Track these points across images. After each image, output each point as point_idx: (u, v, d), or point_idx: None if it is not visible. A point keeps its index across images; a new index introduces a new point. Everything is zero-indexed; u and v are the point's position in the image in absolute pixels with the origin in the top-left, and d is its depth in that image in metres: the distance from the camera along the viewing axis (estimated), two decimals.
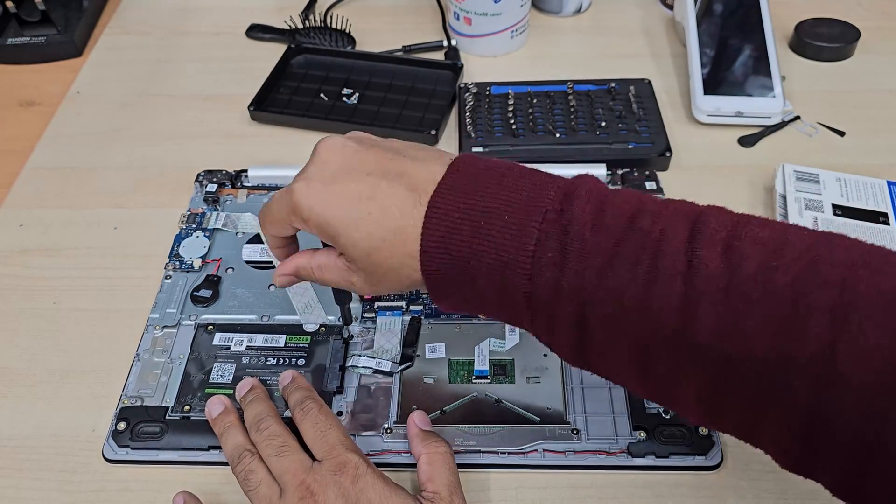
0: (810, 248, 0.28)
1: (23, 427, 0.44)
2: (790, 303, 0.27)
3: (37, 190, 0.60)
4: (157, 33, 0.76)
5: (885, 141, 0.61)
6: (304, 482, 0.37)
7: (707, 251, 0.28)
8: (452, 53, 0.71)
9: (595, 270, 0.30)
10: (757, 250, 0.28)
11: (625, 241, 0.30)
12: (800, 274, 0.27)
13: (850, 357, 0.26)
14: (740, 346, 0.27)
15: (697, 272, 0.28)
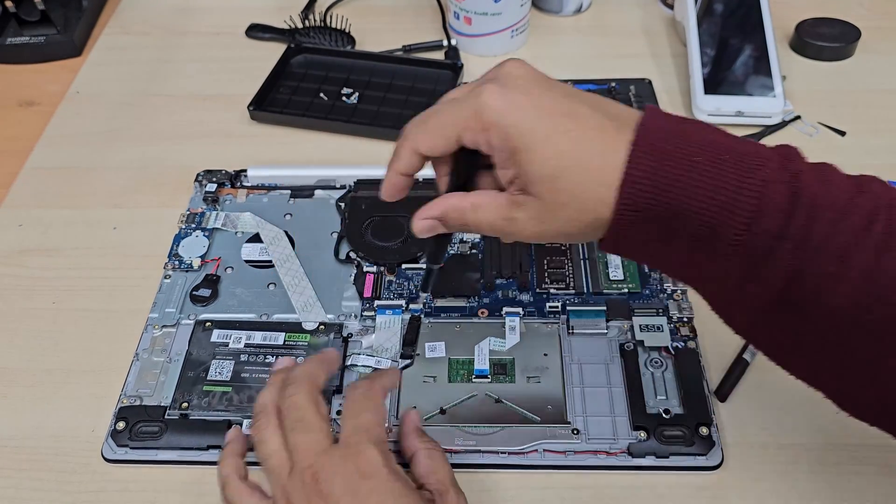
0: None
1: (22, 427, 0.44)
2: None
3: (36, 190, 0.60)
4: (157, 33, 0.76)
5: (886, 141, 0.61)
6: (312, 466, 0.34)
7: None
8: (452, 53, 0.71)
9: (825, 224, 0.28)
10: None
11: (858, 198, 0.28)
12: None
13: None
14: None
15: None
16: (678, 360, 0.45)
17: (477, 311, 0.48)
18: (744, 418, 0.43)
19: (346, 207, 0.55)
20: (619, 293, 0.49)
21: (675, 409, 0.43)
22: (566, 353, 0.46)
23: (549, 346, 0.46)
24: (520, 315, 0.48)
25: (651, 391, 0.44)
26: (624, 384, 0.44)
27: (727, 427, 0.43)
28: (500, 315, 0.48)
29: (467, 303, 0.49)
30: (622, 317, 0.47)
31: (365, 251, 0.52)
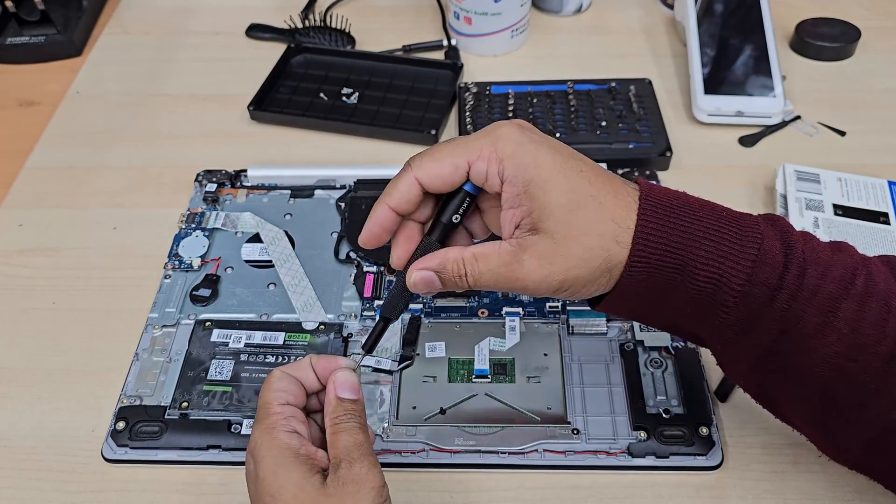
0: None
1: (22, 427, 0.44)
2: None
3: (36, 190, 0.60)
4: (157, 33, 0.76)
5: (886, 140, 0.61)
6: None
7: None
8: (452, 53, 0.71)
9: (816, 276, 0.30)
10: None
11: (838, 255, 0.31)
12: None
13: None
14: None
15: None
16: (678, 360, 0.45)
17: (477, 311, 0.48)
18: (744, 418, 0.43)
19: (346, 207, 0.55)
20: None
21: (675, 409, 0.43)
22: (566, 353, 0.46)
23: (549, 346, 0.46)
24: (520, 315, 0.48)
25: (651, 391, 0.44)
26: (624, 384, 0.44)
27: (727, 427, 0.43)
28: (500, 315, 0.48)
29: (467, 303, 0.49)
30: None
31: (365, 251, 0.52)
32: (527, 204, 0.31)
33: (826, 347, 0.30)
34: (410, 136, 0.62)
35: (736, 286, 0.30)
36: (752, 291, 0.30)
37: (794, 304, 0.30)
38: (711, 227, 0.31)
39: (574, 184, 0.31)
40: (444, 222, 0.34)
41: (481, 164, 0.32)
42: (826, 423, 0.33)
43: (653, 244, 0.30)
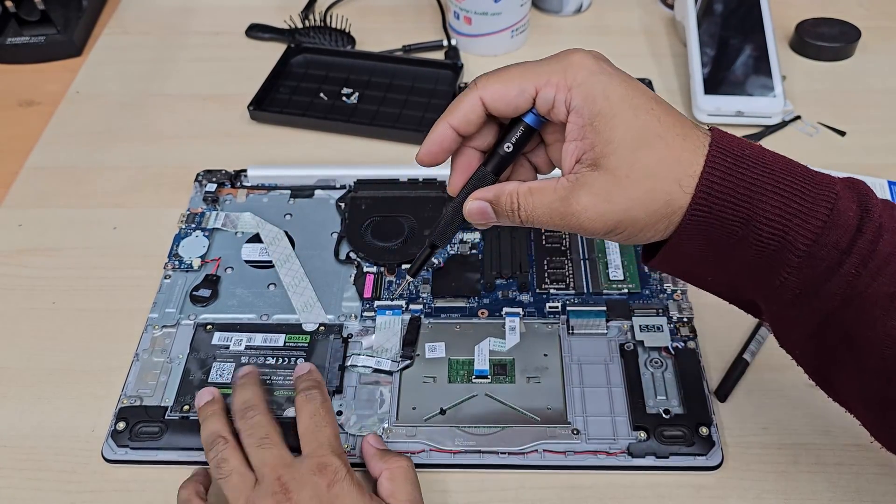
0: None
1: (22, 427, 0.44)
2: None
3: (36, 190, 0.60)
4: (157, 33, 0.76)
5: (886, 141, 0.61)
6: (282, 478, 0.36)
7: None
8: (452, 53, 0.71)
9: (890, 244, 0.28)
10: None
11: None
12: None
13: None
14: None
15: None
16: (678, 360, 0.45)
17: (477, 312, 0.48)
18: (744, 418, 0.43)
19: (346, 207, 0.55)
20: (619, 293, 0.49)
21: (675, 409, 0.43)
22: (566, 354, 0.46)
23: (549, 346, 0.46)
24: (520, 315, 0.48)
25: (651, 391, 0.44)
26: (624, 384, 0.44)
27: (727, 427, 0.43)
28: (500, 315, 0.48)
29: (467, 303, 0.49)
30: (622, 317, 0.47)
31: (365, 251, 0.52)
32: (591, 137, 0.30)
33: (892, 323, 0.28)
34: (410, 137, 0.62)
35: (802, 245, 0.28)
36: (819, 253, 0.28)
37: (863, 270, 0.28)
38: (782, 181, 0.29)
39: (643, 121, 0.29)
40: (500, 153, 0.33)
41: (549, 90, 0.31)
42: (885, 408, 0.31)
43: (717, 193, 0.29)
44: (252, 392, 0.41)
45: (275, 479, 0.37)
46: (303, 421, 0.40)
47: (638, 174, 0.29)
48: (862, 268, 0.28)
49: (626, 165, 0.29)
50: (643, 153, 0.29)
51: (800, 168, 0.30)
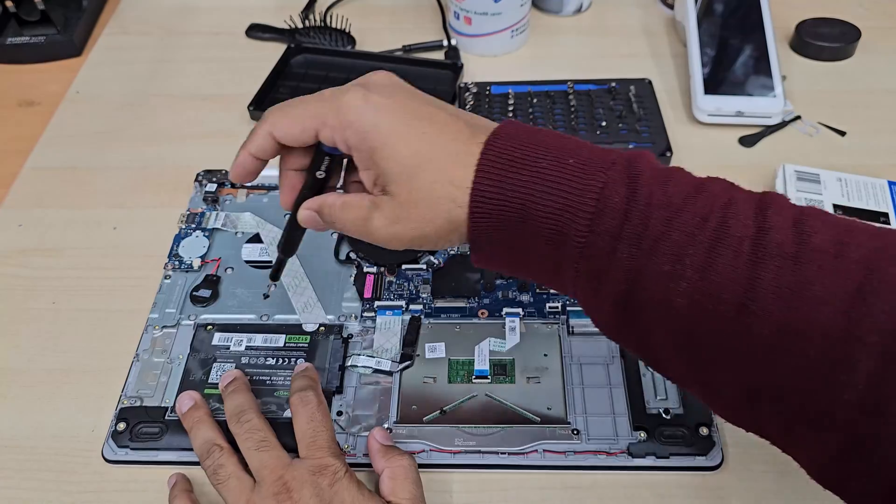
0: (881, 233, 0.28)
1: (22, 427, 0.44)
2: (862, 277, 0.26)
3: (36, 190, 0.60)
4: (157, 33, 0.76)
5: (886, 141, 0.61)
6: (282, 478, 0.37)
7: (777, 219, 0.28)
8: (452, 53, 0.71)
9: (660, 222, 0.29)
10: (828, 228, 0.28)
11: (694, 198, 0.29)
12: (873, 252, 0.26)
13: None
14: (805, 315, 0.26)
15: (766, 236, 0.27)
16: None
17: (477, 312, 0.48)
18: None
19: None
20: None
21: (674, 409, 0.43)
22: (566, 354, 0.46)
23: (549, 346, 0.46)
24: (520, 315, 0.48)
25: (651, 391, 0.44)
26: (624, 384, 0.44)
27: (727, 427, 0.43)
28: (500, 315, 0.48)
29: (467, 303, 0.49)
30: None
31: (365, 251, 0.52)
32: (373, 168, 0.33)
33: (680, 296, 0.28)
34: None
35: (579, 237, 0.29)
36: (597, 242, 0.29)
37: (637, 251, 0.29)
38: (551, 178, 0.30)
39: (413, 148, 0.31)
40: (313, 175, 0.36)
41: (327, 131, 0.33)
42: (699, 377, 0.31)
43: (490, 202, 0.30)
44: (244, 397, 0.42)
45: (275, 479, 0.37)
46: (300, 424, 0.40)
47: (416, 198, 0.32)
48: (636, 249, 0.29)
49: (406, 192, 0.32)
50: (417, 180, 0.31)
51: (573, 158, 0.30)
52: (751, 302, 0.27)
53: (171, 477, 0.41)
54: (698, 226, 0.28)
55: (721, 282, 0.28)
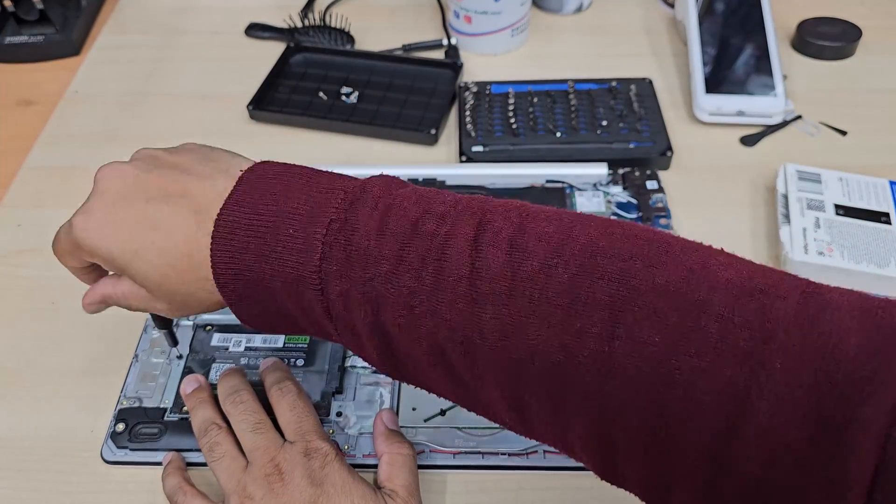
0: (592, 242, 0.28)
1: (21, 428, 0.44)
2: (569, 300, 0.27)
3: (35, 190, 0.60)
4: (156, 32, 0.76)
5: (887, 140, 0.61)
6: (274, 459, 0.38)
7: (492, 250, 0.28)
8: (452, 52, 0.71)
9: (382, 278, 0.29)
10: (541, 247, 0.28)
11: (409, 246, 0.29)
12: (579, 269, 0.27)
13: (626, 352, 0.26)
14: (525, 348, 0.27)
15: (481, 274, 0.28)
16: None
17: None
18: None
19: None
20: None
21: None
22: None
23: None
24: None
25: None
26: None
27: None
28: None
29: None
30: None
31: None
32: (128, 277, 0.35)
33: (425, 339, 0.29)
34: (410, 136, 0.62)
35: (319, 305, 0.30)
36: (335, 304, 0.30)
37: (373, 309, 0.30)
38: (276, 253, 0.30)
39: (151, 263, 0.32)
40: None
41: (80, 256, 0.35)
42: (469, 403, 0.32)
43: (234, 283, 0.31)
44: (237, 379, 0.42)
45: (267, 461, 0.37)
46: (283, 414, 0.40)
47: (178, 300, 0.34)
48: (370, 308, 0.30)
49: (166, 296, 0.34)
50: (168, 287, 0.33)
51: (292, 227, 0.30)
52: (482, 341, 0.28)
53: (165, 455, 0.41)
54: (416, 276, 0.29)
55: (451, 322, 0.28)
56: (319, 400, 0.44)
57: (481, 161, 0.59)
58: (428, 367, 0.30)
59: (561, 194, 0.55)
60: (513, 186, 0.56)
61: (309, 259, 0.30)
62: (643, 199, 0.55)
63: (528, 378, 0.28)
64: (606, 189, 0.56)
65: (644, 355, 0.26)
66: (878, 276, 0.48)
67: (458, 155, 0.60)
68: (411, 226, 0.30)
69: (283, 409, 0.40)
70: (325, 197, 0.31)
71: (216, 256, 0.31)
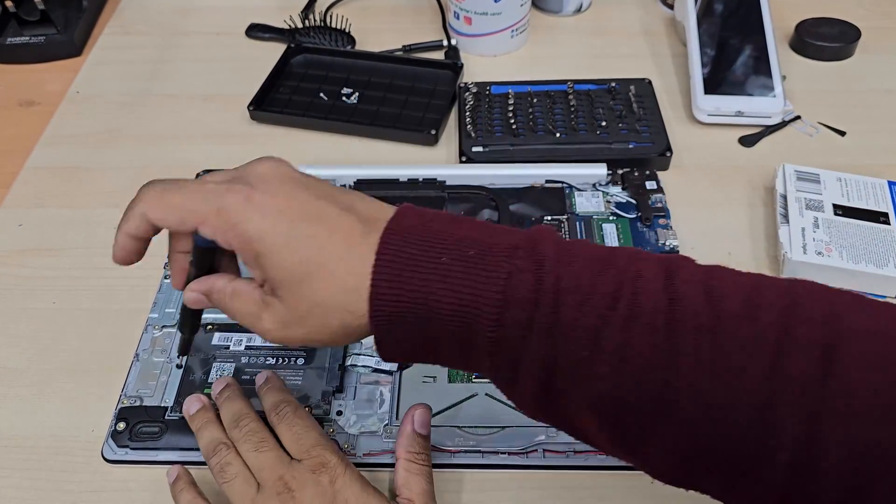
0: (789, 289, 0.28)
1: (22, 427, 0.44)
2: (777, 339, 0.26)
3: (36, 190, 0.60)
4: (157, 33, 0.76)
5: (886, 141, 0.61)
6: (283, 478, 0.37)
7: (688, 288, 0.27)
8: (452, 53, 0.71)
9: (571, 308, 0.27)
10: (737, 290, 0.27)
11: (602, 276, 0.28)
12: (783, 312, 0.27)
13: (840, 391, 0.25)
14: (726, 386, 0.26)
15: (680, 309, 0.27)
16: None
17: None
18: None
19: None
20: None
21: None
22: None
23: None
24: None
25: None
26: None
27: None
28: None
29: None
30: None
31: None
32: (259, 272, 0.31)
33: (600, 379, 0.28)
34: (410, 136, 0.62)
35: (487, 334, 0.28)
36: (507, 335, 0.28)
37: (551, 340, 0.28)
38: (452, 272, 0.28)
39: (301, 255, 0.30)
40: (189, 274, 0.35)
41: (207, 229, 0.31)
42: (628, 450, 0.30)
43: (390, 305, 0.29)
44: (240, 404, 0.41)
45: (276, 479, 0.37)
46: (283, 435, 0.39)
47: (305, 308, 0.30)
48: (549, 339, 0.28)
49: (295, 300, 0.30)
50: (306, 286, 0.30)
51: (473, 250, 0.29)
52: (673, 378, 0.27)
53: (170, 470, 0.40)
54: (609, 306, 0.27)
55: (641, 361, 0.27)
56: (320, 399, 0.44)
57: (481, 161, 0.59)
58: (586, 412, 0.28)
59: (560, 194, 0.55)
60: (513, 186, 0.56)
61: (492, 280, 0.28)
62: (642, 200, 0.55)
63: (718, 422, 0.26)
64: (606, 189, 0.56)
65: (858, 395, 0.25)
66: (877, 276, 0.48)
67: (458, 155, 0.60)
68: (599, 262, 0.28)
69: (283, 431, 0.39)
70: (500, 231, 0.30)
71: (380, 267, 0.29)
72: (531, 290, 0.28)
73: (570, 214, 0.54)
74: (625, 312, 0.27)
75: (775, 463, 0.26)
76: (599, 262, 0.29)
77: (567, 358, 0.28)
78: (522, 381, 0.29)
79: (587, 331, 0.27)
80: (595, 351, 0.27)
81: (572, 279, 0.28)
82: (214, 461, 0.39)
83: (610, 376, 0.27)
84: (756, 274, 0.29)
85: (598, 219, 0.54)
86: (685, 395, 0.27)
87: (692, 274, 0.28)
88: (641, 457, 0.29)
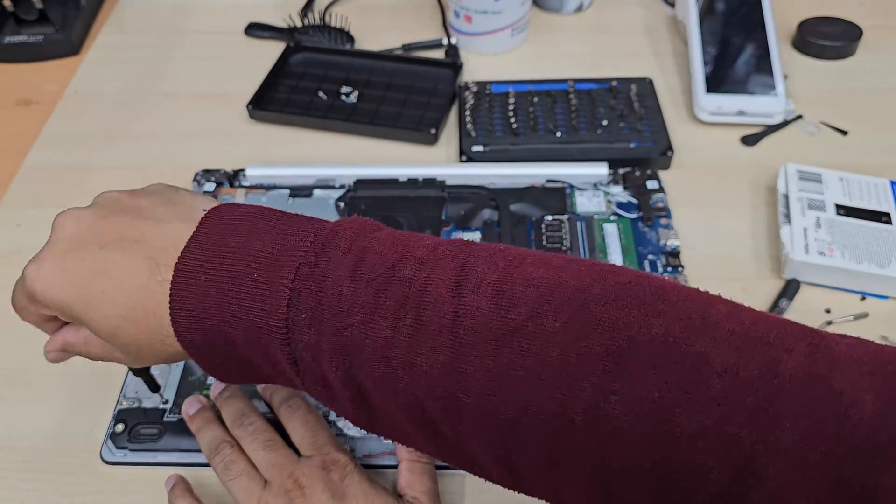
0: (584, 288, 0.26)
1: (21, 428, 0.44)
2: (561, 350, 0.25)
3: (34, 189, 0.59)
4: (155, 32, 0.76)
5: (888, 140, 0.61)
6: (293, 475, 0.37)
7: (475, 298, 0.26)
8: (452, 52, 0.71)
9: (356, 328, 0.27)
10: (529, 293, 0.26)
11: (386, 292, 0.27)
12: (571, 318, 0.25)
13: (624, 409, 0.24)
14: (514, 404, 0.25)
15: (464, 324, 0.26)
16: None
17: None
18: None
19: (345, 207, 0.55)
20: None
21: None
22: None
23: None
24: None
25: None
26: None
27: None
28: None
29: None
30: None
31: None
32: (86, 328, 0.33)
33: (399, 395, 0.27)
34: (410, 136, 0.62)
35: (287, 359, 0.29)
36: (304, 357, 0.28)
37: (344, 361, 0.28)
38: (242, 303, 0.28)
39: (102, 312, 0.31)
40: None
41: (35, 308, 0.33)
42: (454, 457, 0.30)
43: (196, 335, 0.29)
44: (242, 402, 0.41)
45: (286, 477, 0.37)
46: (296, 430, 0.39)
47: (135, 349, 0.32)
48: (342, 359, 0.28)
49: (122, 346, 0.32)
50: (123, 338, 0.31)
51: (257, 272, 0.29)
52: (463, 396, 0.26)
53: (168, 478, 0.40)
54: (393, 326, 0.27)
55: (431, 376, 0.26)
56: None
57: (481, 161, 0.59)
58: (406, 423, 0.28)
59: (561, 194, 0.55)
60: (513, 186, 0.56)
61: (275, 308, 0.28)
62: (643, 199, 0.54)
63: (517, 436, 0.26)
64: (607, 189, 0.55)
65: (643, 412, 0.24)
66: (879, 275, 0.48)
67: (458, 155, 0.60)
68: (387, 271, 0.27)
69: (296, 425, 0.40)
70: (293, 240, 0.29)
71: (175, 304, 0.29)
72: (313, 311, 0.28)
73: (571, 214, 0.54)
74: (408, 331, 0.27)
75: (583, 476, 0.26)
76: (389, 269, 0.28)
77: (365, 376, 0.28)
78: (340, 399, 0.29)
79: (376, 351, 0.27)
80: (388, 369, 0.27)
81: (353, 298, 0.27)
82: (218, 459, 0.39)
83: (407, 390, 0.27)
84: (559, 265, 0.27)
85: (598, 219, 0.53)
86: (478, 410, 0.26)
87: (485, 275, 0.27)
88: (472, 464, 0.29)
